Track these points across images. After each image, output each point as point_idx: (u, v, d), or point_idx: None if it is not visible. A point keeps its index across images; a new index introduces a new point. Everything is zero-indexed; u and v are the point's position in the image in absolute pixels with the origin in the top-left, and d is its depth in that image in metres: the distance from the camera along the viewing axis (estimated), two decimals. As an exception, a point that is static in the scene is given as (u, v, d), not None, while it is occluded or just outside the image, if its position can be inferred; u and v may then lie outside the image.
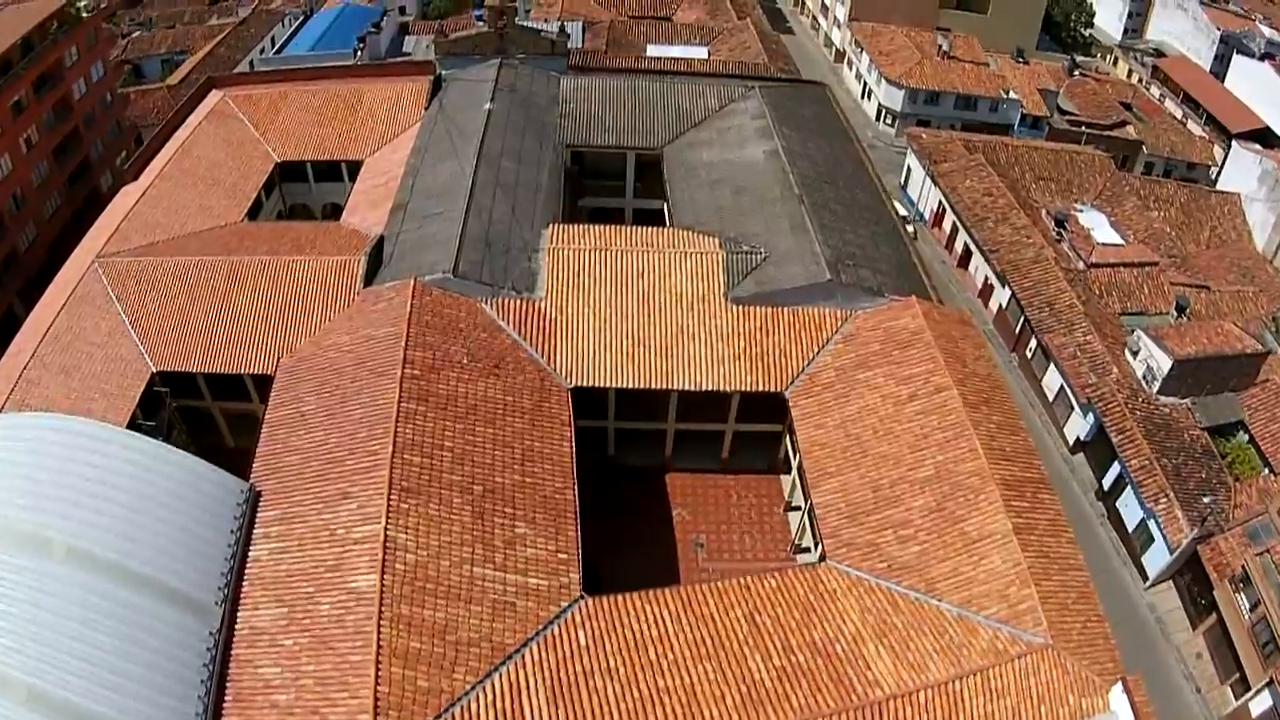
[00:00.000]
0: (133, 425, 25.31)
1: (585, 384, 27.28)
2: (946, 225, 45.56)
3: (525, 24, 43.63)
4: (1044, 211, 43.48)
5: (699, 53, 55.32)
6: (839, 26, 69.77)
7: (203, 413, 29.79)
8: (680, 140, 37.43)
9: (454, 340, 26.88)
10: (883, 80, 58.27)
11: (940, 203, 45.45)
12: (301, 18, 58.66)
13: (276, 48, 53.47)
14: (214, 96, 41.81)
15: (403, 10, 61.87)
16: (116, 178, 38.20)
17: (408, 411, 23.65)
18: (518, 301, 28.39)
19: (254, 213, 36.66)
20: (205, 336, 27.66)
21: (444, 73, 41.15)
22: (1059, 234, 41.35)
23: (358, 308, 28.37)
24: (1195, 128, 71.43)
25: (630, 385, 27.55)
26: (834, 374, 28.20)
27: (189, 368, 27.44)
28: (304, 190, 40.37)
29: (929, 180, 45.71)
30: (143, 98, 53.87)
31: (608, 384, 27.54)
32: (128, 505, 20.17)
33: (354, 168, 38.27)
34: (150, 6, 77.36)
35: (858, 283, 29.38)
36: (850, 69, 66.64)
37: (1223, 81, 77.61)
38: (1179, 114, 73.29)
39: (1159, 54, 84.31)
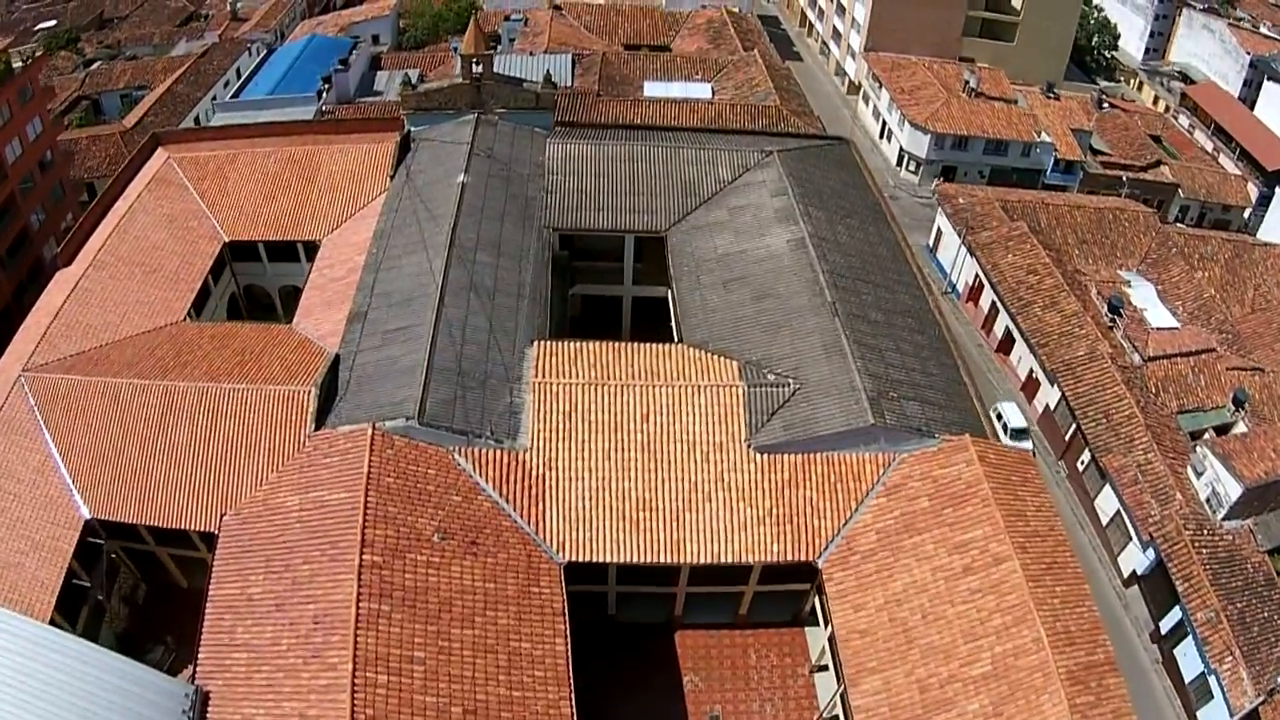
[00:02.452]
0: (69, 584, 23.23)
1: (581, 559, 22.75)
2: (984, 303, 40.79)
3: (505, 74, 38.38)
4: (1094, 290, 38.90)
5: (702, 91, 50.28)
6: (853, 56, 64.49)
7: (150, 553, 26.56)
8: (687, 221, 32.46)
9: (421, 509, 22.46)
10: (906, 122, 53.19)
11: (977, 276, 40.70)
12: (265, 51, 53.20)
13: (234, 90, 48.13)
14: (159, 158, 36.95)
15: (376, 39, 56.37)
16: (61, 243, 33.55)
17: (369, 614, 20.01)
18: (497, 453, 23.66)
19: (202, 300, 32.31)
20: (141, 479, 24.29)
21: (412, 130, 36.10)
22: (1112, 320, 36.80)
23: (308, 457, 23.87)
24: (1228, 163, 66.98)
25: (634, 560, 22.93)
26: (875, 539, 23.87)
27: (124, 517, 24.14)
28: (258, 270, 35.44)
29: (964, 249, 40.92)
30: (94, 145, 48.72)
31: (607, 558, 22.95)
32: (63, 721, 17.54)
33: (312, 246, 33.41)
34: (118, 29, 73.04)
35: (904, 423, 24.76)
36: (867, 104, 61.29)
37: (1252, 109, 73.23)
38: (1209, 147, 68.79)
39: (1184, 78, 79.71)
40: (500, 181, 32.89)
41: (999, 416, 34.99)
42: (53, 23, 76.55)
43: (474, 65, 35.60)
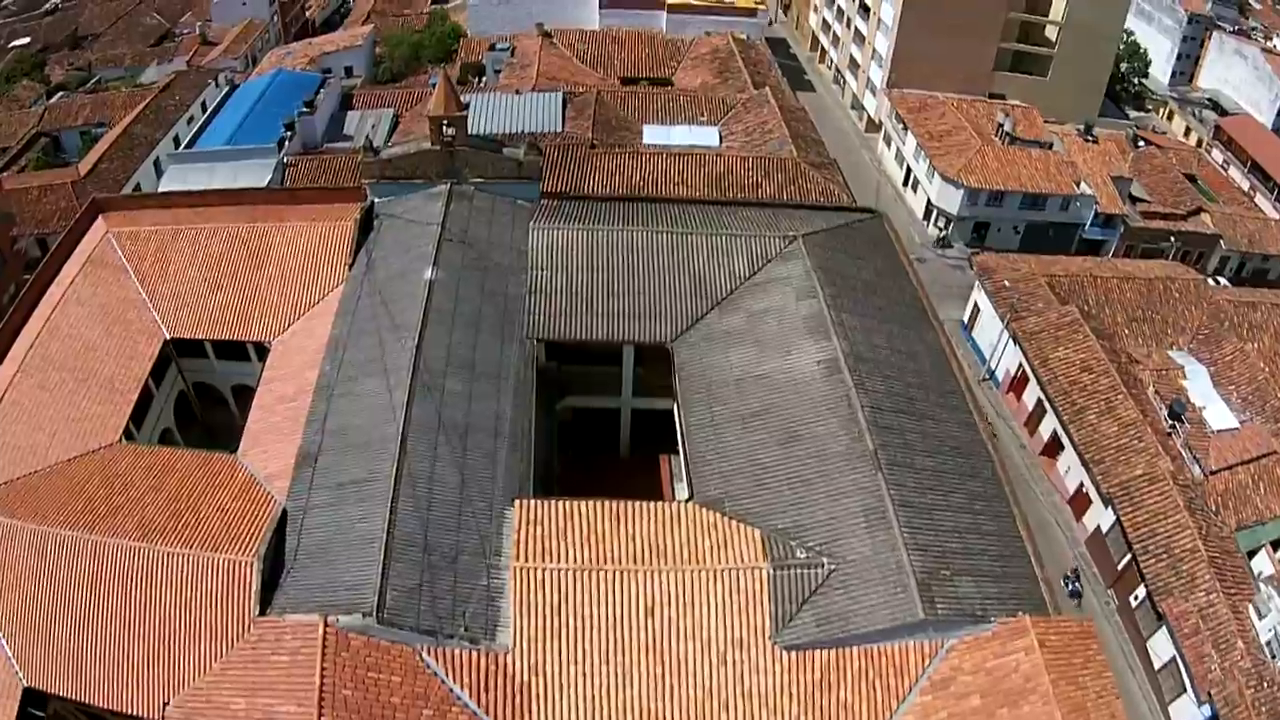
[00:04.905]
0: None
1: (572, 790, 18.74)
2: (1029, 399, 36.52)
3: (482, 135, 33.73)
4: (1151, 387, 34.80)
5: (709, 137, 45.84)
6: (872, 91, 59.73)
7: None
8: (698, 329, 28.06)
9: (384, 731, 18.37)
10: (935, 173, 48.52)
11: (1020, 366, 36.43)
12: (228, 87, 48.41)
13: (190, 137, 43.42)
14: (98, 230, 32.81)
15: (349, 71, 51.56)
16: (4, 316, 29.79)
17: None
18: (473, 655, 19.55)
19: (143, 405, 28.78)
20: (76, 648, 21.68)
21: (376, 202, 31.74)
22: (1171, 427, 32.77)
23: (253, 649, 20.19)
24: (1265, 203, 62.98)
25: (636, 791, 18.92)
26: (920, 749, 19.87)
27: (61, 691, 21.65)
28: (207, 367, 31.22)
29: (1006, 335, 36.55)
30: (45, 196, 44.41)
31: (604, 790, 18.91)
32: None
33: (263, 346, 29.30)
34: (91, 47, 69.79)
35: (957, 608, 20.75)
36: (889, 146, 56.52)
37: (1285, 141, 69.10)
38: (1245, 185, 64.71)
39: (1215, 105, 75.51)
40: (475, 275, 28.51)
41: None
42: (26, 40, 73.79)
43: (445, 128, 31.12)
